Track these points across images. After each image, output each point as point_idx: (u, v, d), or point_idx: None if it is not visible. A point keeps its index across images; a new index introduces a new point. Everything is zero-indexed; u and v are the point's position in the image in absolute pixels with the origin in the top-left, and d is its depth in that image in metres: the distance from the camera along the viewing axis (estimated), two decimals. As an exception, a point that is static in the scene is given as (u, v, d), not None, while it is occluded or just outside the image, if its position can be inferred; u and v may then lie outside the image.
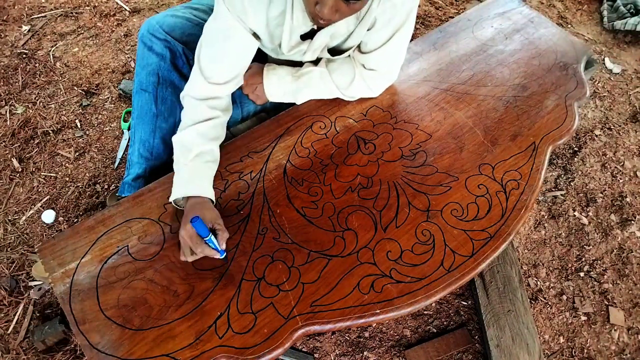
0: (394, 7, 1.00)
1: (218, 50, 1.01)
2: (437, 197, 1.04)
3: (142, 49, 1.17)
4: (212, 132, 1.04)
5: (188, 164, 1.00)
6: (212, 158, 1.04)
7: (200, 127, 1.02)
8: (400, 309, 0.88)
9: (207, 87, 1.03)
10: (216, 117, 1.05)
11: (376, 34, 1.06)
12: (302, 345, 1.29)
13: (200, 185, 0.98)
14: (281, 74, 1.16)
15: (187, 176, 0.99)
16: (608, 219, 1.58)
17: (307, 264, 0.94)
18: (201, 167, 1.00)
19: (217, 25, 1.00)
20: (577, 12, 2.28)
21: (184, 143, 1.02)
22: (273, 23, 1.01)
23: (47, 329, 1.22)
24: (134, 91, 1.20)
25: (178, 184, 0.99)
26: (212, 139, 1.04)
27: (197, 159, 1.00)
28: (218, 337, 0.85)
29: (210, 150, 1.03)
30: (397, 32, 1.05)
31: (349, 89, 1.17)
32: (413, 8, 1.04)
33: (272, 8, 0.97)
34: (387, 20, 1.03)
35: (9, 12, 2.09)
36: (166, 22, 1.15)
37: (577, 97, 1.23)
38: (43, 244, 0.99)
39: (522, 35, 1.41)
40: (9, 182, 1.57)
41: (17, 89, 1.81)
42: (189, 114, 1.05)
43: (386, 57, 1.12)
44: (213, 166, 1.04)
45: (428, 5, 2.26)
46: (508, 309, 1.28)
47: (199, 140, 1.01)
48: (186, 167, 1.00)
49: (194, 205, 0.95)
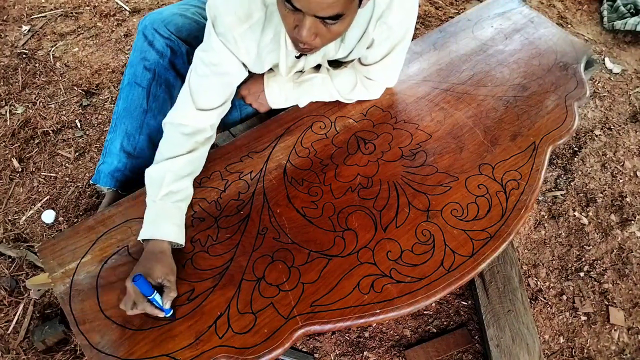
0: (391, 29, 1.01)
1: (209, 80, 0.99)
2: (437, 197, 1.04)
3: (141, 41, 1.14)
4: (188, 167, 0.99)
5: (157, 201, 0.95)
6: (183, 197, 0.98)
7: (175, 164, 0.97)
8: (400, 309, 0.88)
9: (195, 114, 0.99)
10: (195, 149, 1.00)
11: (374, 51, 1.07)
12: (302, 345, 1.29)
13: (160, 228, 0.92)
14: (282, 81, 1.16)
15: (151, 217, 0.94)
16: (608, 219, 1.58)
17: (307, 264, 0.94)
18: (167, 207, 0.95)
19: (210, 58, 0.97)
20: (577, 12, 2.28)
21: (154, 178, 0.97)
22: (265, 50, 1.00)
23: (47, 329, 1.22)
24: (125, 81, 1.18)
25: (145, 223, 0.94)
26: (186, 175, 0.99)
27: (166, 199, 0.95)
28: (218, 337, 0.85)
29: (181, 188, 0.98)
30: (395, 47, 1.07)
31: (350, 94, 1.18)
32: (410, 27, 1.04)
33: (264, 36, 0.96)
34: (384, 39, 1.03)
35: (9, 12, 2.09)
36: (173, 21, 1.13)
37: (577, 97, 1.23)
38: (43, 244, 0.99)
39: (522, 35, 1.41)
40: (9, 182, 1.57)
41: (17, 89, 1.81)
42: (167, 144, 1.00)
43: (385, 69, 1.14)
44: (181, 205, 0.98)
45: (428, 5, 2.26)
46: (508, 309, 1.28)
47: (170, 177, 0.96)
48: (153, 207, 0.95)
49: (148, 254, 0.90)
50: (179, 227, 0.96)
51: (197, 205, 1.03)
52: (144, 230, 0.93)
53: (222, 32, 0.94)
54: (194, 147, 1.00)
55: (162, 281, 0.87)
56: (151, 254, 0.89)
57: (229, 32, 0.93)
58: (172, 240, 0.93)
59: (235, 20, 0.91)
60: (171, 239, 0.92)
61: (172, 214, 0.95)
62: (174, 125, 1.00)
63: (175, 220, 0.95)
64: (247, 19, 0.92)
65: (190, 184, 1.01)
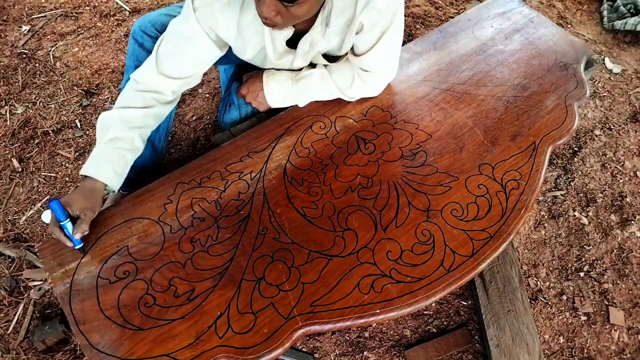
0: (379, 12, 1.01)
1: (177, 49, 1.03)
2: (437, 197, 1.04)
3: (133, 45, 1.19)
4: (139, 120, 1.04)
5: (101, 144, 1.00)
6: (128, 146, 1.02)
7: (127, 113, 1.02)
8: (400, 309, 0.88)
9: (156, 77, 1.04)
10: (150, 106, 1.05)
11: (364, 37, 1.07)
12: (302, 345, 1.29)
13: (99, 168, 0.98)
14: (280, 79, 1.16)
15: (94, 156, 1.00)
16: (608, 219, 1.58)
17: (307, 264, 0.94)
18: (110, 152, 1.00)
19: (182, 29, 1.01)
20: (577, 12, 2.28)
21: (104, 123, 1.02)
22: (248, 30, 1.01)
23: (47, 329, 1.22)
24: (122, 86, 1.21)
25: (87, 161, 1.00)
26: (136, 127, 1.03)
27: (111, 143, 1.00)
28: (218, 337, 0.85)
29: (128, 137, 1.02)
30: (384, 33, 1.06)
31: (350, 89, 1.17)
32: (398, 8, 1.04)
33: (244, 16, 0.98)
34: (372, 24, 1.03)
35: (9, 12, 2.09)
36: (159, 20, 1.17)
37: (577, 97, 1.23)
38: (43, 244, 0.99)
39: (522, 35, 1.41)
40: (9, 182, 1.57)
41: (17, 89, 1.81)
42: (124, 95, 1.05)
43: (379, 58, 1.12)
44: (126, 154, 1.02)
45: (428, 5, 2.26)
46: (508, 309, 1.28)
47: (119, 124, 1.01)
48: (98, 148, 1.01)
49: (79, 188, 0.97)
50: (117, 174, 1.01)
51: (197, 205, 1.03)
52: (85, 166, 0.99)
53: (199, 7, 0.96)
54: (150, 105, 1.05)
55: (80, 214, 0.93)
56: (82, 189, 0.97)
57: (208, 6, 0.96)
58: (106, 183, 0.99)
59: None
60: (106, 182, 0.99)
61: (113, 159, 1.00)
62: (136, 82, 1.05)
63: (114, 166, 1.00)
64: None
65: (139, 138, 1.04)
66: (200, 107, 1.80)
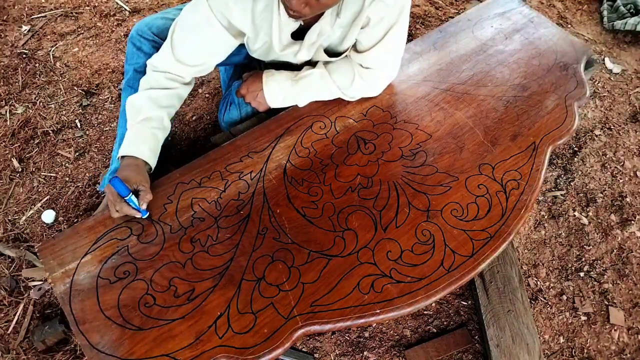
0: (387, 7, 1.01)
1: (192, 37, 1.05)
2: (437, 197, 1.04)
3: (131, 49, 1.21)
4: (165, 100, 1.08)
5: (135, 125, 1.04)
6: (159, 125, 1.06)
7: (154, 93, 1.06)
8: (400, 309, 0.88)
9: (174, 64, 1.07)
10: (173, 87, 1.09)
11: (370, 32, 1.07)
12: (302, 345, 1.29)
13: (137, 147, 1.02)
14: (280, 79, 1.17)
15: (130, 137, 1.03)
16: (608, 219, 1.58)
17: (307, 264, 0.94)
18: (145, 131, 1.04)
19: (194, 19, 1.03)
20: (577, 12, 2.28)
21: (134, 105, 1.06)
22: (259, 18, 1.02)
23: (47, 329, 1.22)
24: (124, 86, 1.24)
25: (124, 142, 1.04)
26: (163, 106, 1.07)
27: (144, 123, 1.04)
28: (218, 337, 0.85)
29: (158, 116, 1.06)
30: (390, 29, 1.06)
31: (350, 88, 1.17)
32: (405, 5, 1.04)
33: (258, 3, 0.99)
34: (380, 18, 1.03)
35: (9, 12, 2.09)
36: (155, 24, 1.19)
37: (577, 97, 1.23)
38: (43, 244, 0.99)
39: (522, 35, 1.41)
40: (9, 182, 1.57)
41: (17, 89, 1.81)
42: (147, 80, 1.09)
43: (383, 55, 1.12)
44: (159, 133, 1.06)
45: (428, 5, 2.26)
46: (508, 309, 1.28)
47: (149, 104, 1.05)
48: (132, 129, 1.04)
49: (124, 166, 1.01)
50: (153, 152, 1.05)
51: (197, 205, 1.03)
52: (124, 147, 1.03)
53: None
54: (172, 86, 1.09)
55: (138, 187, 0.97)
56: (128, 166, 1.01)
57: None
58: (145, 160, 1.03)
59: None
60: (145, 158, 1.03)
61: (147, 138, 1.04)
62: (156, 70, 1.09)
63: (150, 145, 1.04)
64: None
65: (167, 118, 1.09)
66: (200, 107, 1.80)
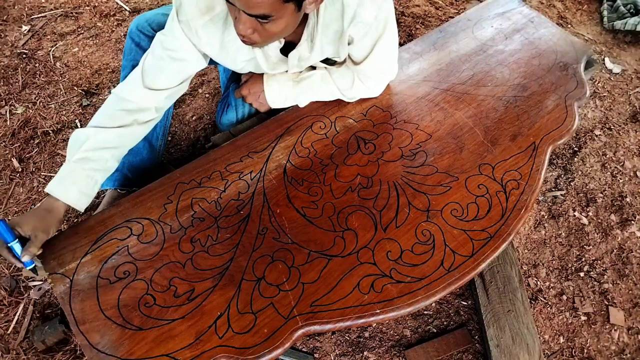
0: (367, 25, 1.00)
1: (163, 62, 1.00)
2: (437, 197, 1.04)
3: (129, 44, 1.19)
4: (113, 141, 0.99)
5: (70, 162, 0.96)
6: (99, 167, 0.98)
7: (101, 133, 0.97)
8: (400, 309, 0.88)
9: (141, 91, 1.01)
10: (129, 125, 1.00)
11: (358, 46, 1.07)
12: (302, 345, 1.29)
13: (65, 188, 0.95)
14: (281, 80, 1.16)
15: (62, 175, 0.96)
16: (608, 219, 1.58)
17: (307, 264, 0.94)
18: (78, 172, 0.96)
19: (168, 43, 0.99)
20: (577, 12, 2.28)
21: (76, 140, 0.97)
22: (233, 46, 1.00)
23: (47, 329, 1.21)
24: None
25: (54, 178, 0.96)
26: (110, 147, 0.99)
27: (80, 162, 0.96)
28: (218, 337, 0.85)
29: (99, 158, 0.97)
30: (378, 41, 1.06)
31: (350, 90, 1.17)
32: (387, 16, 1.03)
33: (230, 30, 0.97)
34: (363, 35, 1.03)
35: (9, 12, 2.09)
36: (156, 20, 1.17)
37: (577, 97, 1.23)
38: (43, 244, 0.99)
39: (522, 35, 1.41)
40: (9, 182, 1.57)
41: (17, 89, 1.81)
42: (103, 113, 1.01)
43: (376, 65, 1.12)
44: (96, 174, 0.98)
45: (428, 5, 2.26)
46: (508, 309, 1.28)
47: (90, 144, 0.96)
48: (67, 165, 0.96)
49: (37, 208, 0.94)
50: (83, 194, 0.97)
51: (197, 205, 1.03)
52: (50, 184, 0.96)
53: (184, 21, 0.96)
54: (129, 124, 1.00)
55: (30, 235, 0.89)
56: (39, 208, 0.94)
57: (191, 21, 0.95)
58: (70, 204, 0.95)
59: (196, 11, 0.93)
60: (69, 203, 0.95)
61: (80, 179, 0.96)
62: (119, 98, 1.01)
63: (81, 187, 0.96)
64: (208, 11, 0.94)
65: (112, 158, 1.00)
66: (200, 107, 1.80)
